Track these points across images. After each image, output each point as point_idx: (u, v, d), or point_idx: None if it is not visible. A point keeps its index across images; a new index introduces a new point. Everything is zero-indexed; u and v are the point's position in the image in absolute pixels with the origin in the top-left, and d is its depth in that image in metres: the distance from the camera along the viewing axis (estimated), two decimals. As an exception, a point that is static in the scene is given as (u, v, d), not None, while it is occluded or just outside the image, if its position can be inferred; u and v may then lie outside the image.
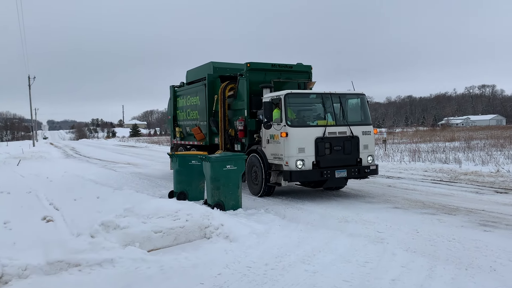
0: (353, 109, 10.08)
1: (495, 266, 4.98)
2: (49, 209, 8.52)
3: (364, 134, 9.72)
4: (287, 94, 9.30)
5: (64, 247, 5.29)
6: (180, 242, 6.14)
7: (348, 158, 9.48)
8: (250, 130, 10.69)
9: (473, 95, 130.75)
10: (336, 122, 9.51)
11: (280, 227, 6.88)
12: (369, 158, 9.77)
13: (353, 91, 10.12)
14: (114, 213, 6.31)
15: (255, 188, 10.14)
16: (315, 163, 9.14)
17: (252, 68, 10.85)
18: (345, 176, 9.39)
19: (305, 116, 10.03)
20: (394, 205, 8.77)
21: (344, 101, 9.76)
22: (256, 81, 10.74)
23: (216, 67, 12.80)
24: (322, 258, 5.37)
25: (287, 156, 9.09)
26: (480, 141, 27.38)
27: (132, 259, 5.20)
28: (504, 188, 10.57)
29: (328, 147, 9.24)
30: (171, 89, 15.29)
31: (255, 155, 10.07)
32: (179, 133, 14.80)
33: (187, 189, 9.35)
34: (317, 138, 9.15)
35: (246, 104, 10.79)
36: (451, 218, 7.46)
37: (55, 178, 14.01)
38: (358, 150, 9.58)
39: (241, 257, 5.43)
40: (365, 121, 9.99)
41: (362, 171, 9.55)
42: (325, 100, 9.64)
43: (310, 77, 11.67)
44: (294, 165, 9.01)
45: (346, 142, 9.43)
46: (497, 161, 15.80)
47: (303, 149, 9.08)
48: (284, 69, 11.25)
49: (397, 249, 5.67)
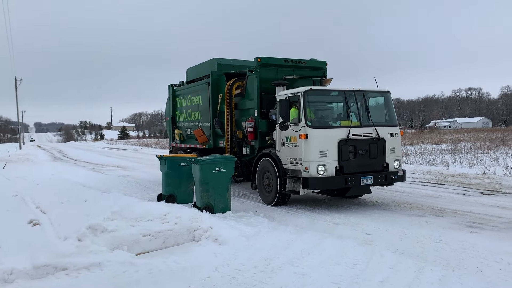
0: (378, 108, 9.18)
1: (482, 267, 5.04)
2: (36, 213, 8.41)
3: (391, 136, 8.83)
4: (306, 91, 8.41)
5: (51, 251, 5.22)
6: (169, 245, 6.11)
7: (374, 163, 8.56)
8: (261, 131, 9.78)
9: (460, 98, 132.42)
10: (361, 123, 8.62)
11: (269, 230, 6.88)
12: (395, 163, 8.85)
13: (377, 88, 9.22)
14: (102, 216, 6.26)
15: (267, 196, 9.25)
16: (338, 168, 8.23)
17: (263, 64, 9.96)
18: (371, 183, 8.46)
19: (325, 116, 9.23)
20: (383, 207, 8.83)
21: (368, 99, 8.88)
22: (267, 78, 9.88)
23: (220, 64, 11.87)
24: (311, 260, 5.38)
25: (306, 161, 8.18)
26: (467, 144, 27.71)
27: (120, 262, 5.15)
28: (490, 190, 10.71)
29: (352, 150, 8.33)
30: (170, 89, 14.37)
31: (268, 160, 9.18)
32: (179, 135, 13.88)
33: (176, 192, 9.31)
34: (341, 141, 8.23)
35: (256, 103, 9.89)
36: (439, 219, 7.54)
37: (42, 181, 13.83)
38: (384, 154, 8.67)
39: (230, 260, 5.42)
40: (391, 121, 9.09)
41: (389, 178, 8.65)
42: (348, 98, 8.71)
43: (325, 73, 10.81)
44: (315, 171, 8.09)
45: (372, 145, 8.51)
46: (484, 163, 16.00)
47: (325, 153, 8.15)
48: (297, 64, 10.39)
49: (385, 250, 5.71)
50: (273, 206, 8.97)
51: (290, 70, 10.33)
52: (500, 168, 14.31)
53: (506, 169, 13.85)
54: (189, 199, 9.33)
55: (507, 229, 6.81)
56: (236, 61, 12.32)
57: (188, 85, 13.37)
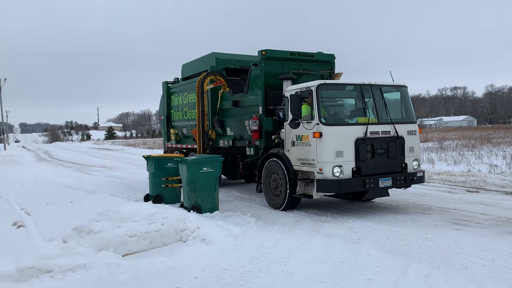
0: (395, 104, 8.62)
1: (466, 263, 5.10)
2: (21, 214, 8.29)
3: (410, 134, 8.23)
4: (320, 85, 7.74)
5: (35, 253, 5.15)
6: (156, 246, 6.08)
7: (392, 163, 7.96)
8: (266, 130, 9.19)
9: (446, 96, 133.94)
10: (378, 120, 8.01)
11: (256, 229, 6.88)
12: (414, 163, 8.27)
13: (394, 83, 8.65)
14: (87, 218, 6.18)
15: (275, 200, 8.65)
16: (355, 170, 7.59)
17: (268, 57, 9.32)
18: (390, 185, 7.86)
19: (339, 112, 8.67)
20: (369, 205, 8.89)
21: (385, 95, 8.29)
22: (271, 73, 9.26)
23: (219, 59, 11.33)
24: (299, 259, 5.40)
25: (321, 162, 7.53)
26: (453, 142, 28.08)
27: (106, 263, 5.11)
28: (475, 187, 10.85)
29: (370, 150, 7.70)
30: (164, 86, 13.79)
31: (276, 161, 8.57)
32: (174, 135, 13.34)
33: (163, 192, 9.26)
34: (358, 139, 7.59)
35: (261, 100, 9.26)
36: (425, 217, 7.62)
37: (27, 182, 13.63)
38: (403, 153, 8.07)
39: (218, 260, 5.41)
40: (409, 118, 8.49)
41: (408, 179, 8.06)
42: (364, 93, 8.05)
43: (333, 68, 10.22)
44: (330, 172, 7.44)
45: (390, 143, 7.91)
46: (469, 161, 16.23)
47: (341, 152, 7.50)
48: (304, 58, 9.76)
49: (372, 249, 5.75)
50: (283, 211, 8.43)
51: (296, 64, 9.68)
52: (484, 165, 14.52)
53: (490, 166, 14.06)
54: (176, 199, 9.29)
55: (491, 226, 6.91)
56: (236, 55, 11.78)
57: (184, 82, 12.88)
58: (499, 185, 10.89)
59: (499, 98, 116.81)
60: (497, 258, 5.25)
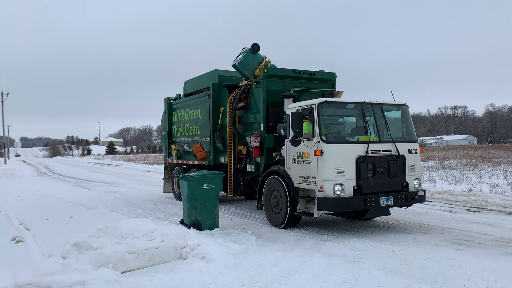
0: (396, 122, 8.67)
1: (469, 284, 5.05)
2: (20, 229, 8.26)
3: (411, 153, 8.26)
4: (320, 103, 7.82)
5: (34, 269, 5.12)
6: (155, 263, 6.02)
7: (393, 182, 7.95)
8: (267, 147, 9.18)
9: (446, 115, 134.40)
10: (379, 138, 8.06)
11: (257, 247, 6.84)
12: (415, 182, 8.25)
13: (395, 101, 8.70)
14: (87, 233, 6.16)
15: (276, 218, 8.61)
16: (356, 188, 7.59)
17: (270, 75, 9.46)
18: (391, 204, 7.84)
19: (340, 130, 8.73)
20: (370, 224, 8.84)
21: (386, 113, 8.37)
22: (273, 90, 9.36)
23: (221, 76, 11.38)
24: (299, 278, 5.35)
25: (322, 180, 7.51)
26: (453, 161, 28.02)
27: (105, 280, 5.06)
28: (477, 207, 10.80)
29: (371, 168, 7.71)
30: (166, 102, 13.79)
31: (277, 178, 8.55)
32: (175, 151, 13.25)
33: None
34: (359, 158, 7.61)
35: (262, 117, 9.33)
36: (426, 236, 7.56)
37: (26, 197, 13.62)
38: (404, 172, 8.06)
39: (218, 278, 5.36)
40: (410, 137, 8.54)
41: (409, 198, 8.03)
42: (365, 111, 8.14)
43: (334, 86, 10.28)
44: (331, 190, 7.42)
45: (391, 162, 7.92)
46: (470, 180, 16.18)
47: (342, 170, 7.50)
48: (305, 76, 9.87)
49: (373, 268, 5.70)
50: (283, 229, 8.37)
51: (297, 82, 9.80)
52: (485, 185, 14.47)
53: (491, 186, 14.01)
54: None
55: (493, 246, 6.85)
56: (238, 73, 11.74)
57: (186, 98, 12.89)
58: (501, 205, 10.84)
59: (499, 118, 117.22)
60: (499, 279, 5.19)
